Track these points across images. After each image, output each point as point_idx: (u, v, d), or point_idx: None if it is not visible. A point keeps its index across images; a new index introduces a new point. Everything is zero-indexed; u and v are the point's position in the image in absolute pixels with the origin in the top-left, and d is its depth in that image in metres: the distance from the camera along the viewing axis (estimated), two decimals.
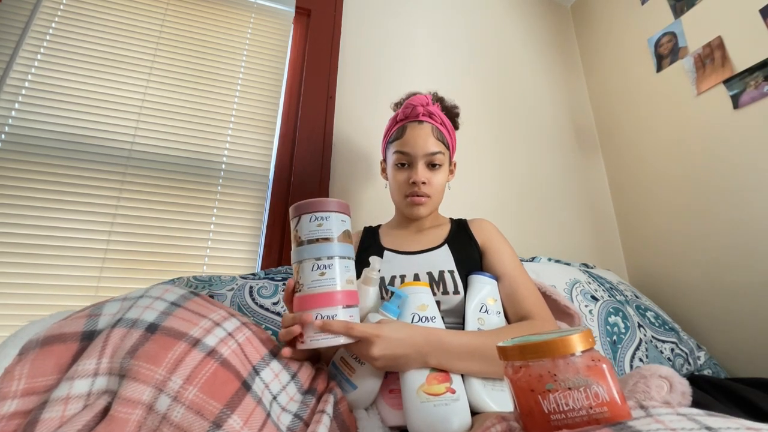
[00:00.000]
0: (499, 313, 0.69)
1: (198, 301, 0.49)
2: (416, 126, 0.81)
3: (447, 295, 0.70)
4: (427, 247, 0.80)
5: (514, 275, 0.73)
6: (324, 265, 0.55)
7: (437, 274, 0.72)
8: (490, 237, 0.81)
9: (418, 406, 0.52)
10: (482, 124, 1.56)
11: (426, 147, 0.80)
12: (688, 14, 1.40)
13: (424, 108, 0.82)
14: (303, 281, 0.55)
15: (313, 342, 0.52)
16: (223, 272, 1.10)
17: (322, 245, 0.56)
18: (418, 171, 0.79)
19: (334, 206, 0.58)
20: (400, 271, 0.74)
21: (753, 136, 1.19)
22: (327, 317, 0.53)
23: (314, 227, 0.56)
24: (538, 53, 1.82)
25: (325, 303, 0.54)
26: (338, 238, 0.57)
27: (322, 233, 0.56)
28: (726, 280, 1.24)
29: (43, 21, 1.11)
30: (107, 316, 0.45)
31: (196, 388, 0.40)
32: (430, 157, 0.80)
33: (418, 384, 0.54)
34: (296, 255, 0.57)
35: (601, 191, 1.71)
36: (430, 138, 0.80)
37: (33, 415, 0.37)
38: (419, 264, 0.76)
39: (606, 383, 0.31)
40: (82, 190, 1.03)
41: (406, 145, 0.80)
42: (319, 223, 0.57)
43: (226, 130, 1.21)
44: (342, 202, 0.60)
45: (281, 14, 1.38)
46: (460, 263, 0.75)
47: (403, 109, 0.83)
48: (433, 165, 0.81)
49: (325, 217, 0.57)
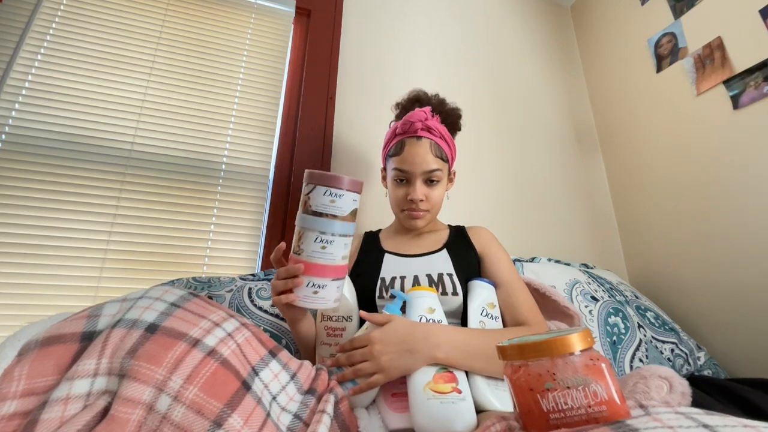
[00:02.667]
0: (497, 318, 0.71)
1: (197, 302, 0.49)
2: (414, 143, 0.81)
3: (446, 296, 0.72)
4: (427, 251, 0.82)
5: (511, 283, 0.76)
6: (327, 240, 0.59)
7: (436, 276, 0.74)
8: (488, 244, 0.84)
9: (425, 402, 0.53)
10: (482, 124, 1.56)
11: (424, 165, 0.80)
12: (687, 15, 1.40)
13: (423, 123, 0.81)
14: (304, 247, 0.59)
15: (303, 303, 0.59)
16: (223, 272, 1.10)
17: (330, 221, 0.59)
18: (416, 189, 0.81)
19: (350, 185, 0.61)
20: (401, 273, 0.76)
21: (753, 137, 1.19)
22: (318, 285, 0.59)
23: (327, 201, 0.59)
24: (538, 53, 1.82)
25: (321, 274, 0.59)
26: (346, 217, 0.61)
27: (333, 210, 0.60)
28: (726, 281, 1.24)
29: (44, 21, 1.11)
30: (107, 317, 0.45)
31: (196, 388, 0.40)
32: (428, 174, 0.81)
33: (425, 382, 0.55)
34: (302, 221, 0.60)
35: (601, 191, 1.71)
36: (428, 155, 0.81)
37: (32, 415, 0.37)
38: (419, 267, 0.77)
39: (605, 382, 0.32)
40: (82, 190, 1.03)
41: (405, 162, 0.81)
42: (332, 199, 0.60)
43: (226, 130, 1.22)
44: (357, 180, 0.62)
45: (281, 14, 1.39)
46: (459, 267, 0.77)
47: (402, 124, 0.83)
48: (431, 181, 0.83)
49: (339, 195, 0.60)
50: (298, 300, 0.59)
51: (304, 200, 0.61)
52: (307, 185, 0.61)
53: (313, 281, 0.59)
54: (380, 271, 0.78)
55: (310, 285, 0.59)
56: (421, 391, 0.54)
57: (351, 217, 0.62)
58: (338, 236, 0.60)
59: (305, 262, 0.59)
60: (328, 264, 0.60)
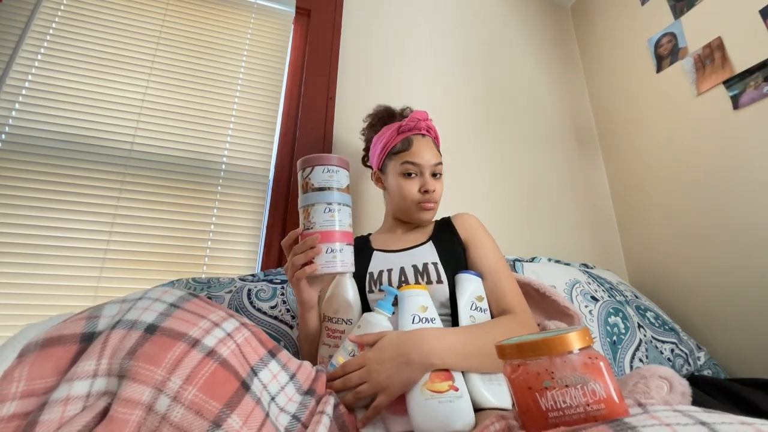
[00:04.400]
0: (486, 310, 0.71)
1: (197, 303, 0.49)
2: (421, 139, 0.88)
3: (431, 284, 0.73)
4: (413, 245, 0.84)
5: (496, 271, 0.77)
6: (333, 209, 0.67)
7: (421, 266, 0.76)
8: (473, 231, 0.85)
9: (423, 403, 0.53)
10: (482, 125, 1.56)
11: (432, 159, 0.86)
12: (688, 15, 1.40)
13: (426, 122, 0.89)
14: (314, 220, 0.66)
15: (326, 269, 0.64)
16: (222, 272, 1.10)
17: (333, 193, 0.67)
18: (429, 180, 0.85)
19: (341, 162, 0.70)
20: (387, 266, 0.79)
21: (753, 137, 1.19)
22: (335, 250, 0.65)
23: (326, 177, 0.68)
24: (538, 54, 1.82)
25: (336, 239, 0.66)
26: (344, 189, 0.70)
27: (333, 183, 0.68)
28: (726, 281, 1.24)
29: (44, 21, 1.11)
30: (106, 318, 0.45)
31: (195, 388, 0.40)
32: (435, 167, 0.86)
33: (422, 382, 0.55)
34: (307, 199, 0.67)
35: (601, 191, 1.71)
36: (434, 150, 0.88)
37: (32, 416, 0.37)
38: (404, 259, 0.79)
39: (603, 380, 0.32)
40: (82, 190, 1.03)
41: (416, 156, 0.85)
42: (330, 174, 0.68)
43: (226, 130, 1.22)
44: (346, 159, 0.72)
45: (281, 14, 1.39)
46: (444, 256, 0.78)
47: (408, 122, 0.88)
48: (435, 175, 0.87)
49: (335, 170, 0.69)
50: (320, 267, 0.63)
51: (304, 182, 0.68)
52: (305, 169, 0.69)
53: (331, 247, 0.65)
54: (369, 267, 0.80)
55: (329, 251, 0.65)
56: (419, 391, 0.54)
57: (347, 190, 0.71)
58: (342, 205, 0.68)
59: (320, 232, 0.65)
60: (339, 230, 0.66)
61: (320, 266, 0.64)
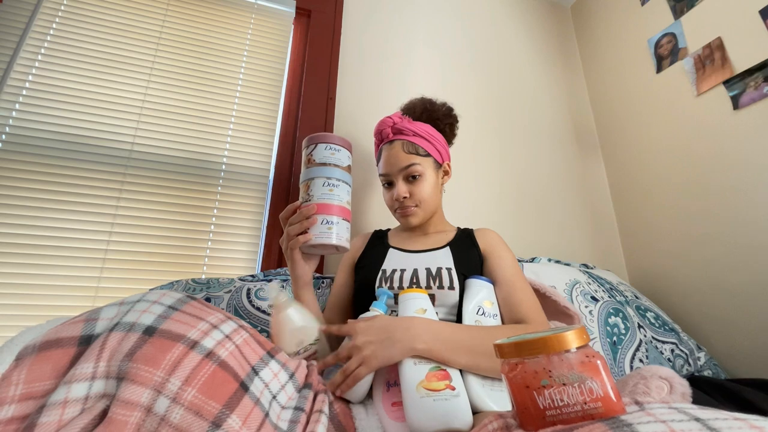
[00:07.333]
0: (495, 316, 0.70)
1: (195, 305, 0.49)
2: (388, 147, 0.88)
3: (442, 289, 0.73)
4: (430, 248, 0.83)
5: (512, 280, 0.76)
6: (333, 184, 0.69)
7: (435, 270, 0.76)
8: (493, 244, 0.84)
9: (418, 401, 0.52)
10: (482, 125, 1.56)
11: (397, 164, 0.85)
12: (688, 15, 1.40)
13: (392, 128, 0.88)
14: (313, 193, 0.68)
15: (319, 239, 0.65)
16: (222, 273, 1.10)
17: (333, 169, 0.70)
18: (397, 188, 0.85)
19: (343, 142, 0.73)
20: (401, 266, 0.78)
21: (753, 137, 1.19)
22: (330, 222, 0.67)
23: (328, 154, 0.71)
24: (538, 54, 1.82)
25: (332, 212, 0.67)
26: (344, 168, 0.72)
27: (334, 160, 0.71)
28: (726, 281, 1.24)
29: (44, 21, 1.11)
30: (104, 320, 0.45)
31: (194, 389, 0.40)
32: (405, 171, 0.85)
33: (418, 380, 0.55)
34: (308, 174, 0.70)
35: (601, 191, 1.71)
36: (401, 154, 0.86)
37: (30, 419, 0.37)
38: (419, 261, 0.79)
39: (600, 379, 0.32)
40: (81, 190, 1.03)
41: (383, 166, 0.88)
42: (332, 152, 0.71)
43: (226, 130, 1.22)
44: (348, 141, 0.75)
45: (281, 15, 1.39)
46: (459, 263, 0.77)
47: (376, 135, 0.91)
48: (412, 177, 0.86)
49: (337, 149, 0.72)
50: (314, 238, 0.65)
51: (308, 158, 0.71)
52: (308, 147, 0.72)
53: (326, 218, 0.67)
54: (383, 264, 0.81)
55: (324, 222, 0.66)
56: (414, 390, 0.54)
57: (348, 170, 0.73)
58: (342, 182, 0.70)
59: (317, 203, 0.67)
60: (336, 204, 0.68)
61: (314, 236, 0.65)
